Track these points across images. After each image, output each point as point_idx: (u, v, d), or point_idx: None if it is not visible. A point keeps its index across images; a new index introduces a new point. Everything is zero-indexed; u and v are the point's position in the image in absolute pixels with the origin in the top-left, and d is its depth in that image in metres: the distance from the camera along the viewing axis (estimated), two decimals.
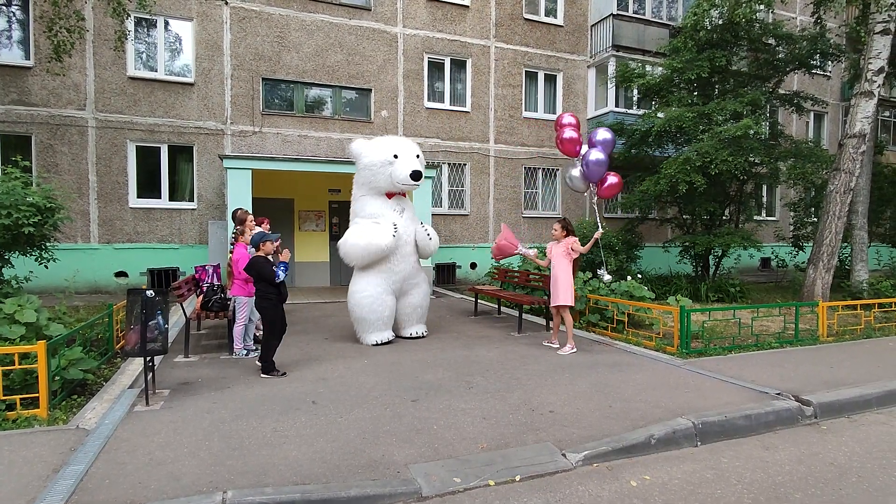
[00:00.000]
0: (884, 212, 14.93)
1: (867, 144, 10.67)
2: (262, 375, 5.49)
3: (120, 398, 4.74)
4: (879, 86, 10.04)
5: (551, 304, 6.92)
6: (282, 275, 5.54)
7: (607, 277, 7.60)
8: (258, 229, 6.82)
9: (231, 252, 6.56)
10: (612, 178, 7.55)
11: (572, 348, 6.65)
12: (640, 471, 3.66)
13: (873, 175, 12.71)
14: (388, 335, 7.00)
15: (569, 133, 7.38)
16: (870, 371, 5.93)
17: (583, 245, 6.80)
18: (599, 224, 7.51)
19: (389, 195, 6.99)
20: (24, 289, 6.62)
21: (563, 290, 6.69)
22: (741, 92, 12.09)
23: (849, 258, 12.48)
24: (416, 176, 6.74)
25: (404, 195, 7.23)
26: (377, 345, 6.85)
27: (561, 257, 6.78)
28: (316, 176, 12.33)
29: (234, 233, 6.81)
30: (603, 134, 7.55)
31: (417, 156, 7.02)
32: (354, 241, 6.68)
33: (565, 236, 6.85)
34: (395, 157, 6.79)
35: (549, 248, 6.98)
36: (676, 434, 4.12)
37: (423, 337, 7.42)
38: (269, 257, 5.77)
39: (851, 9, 12.70)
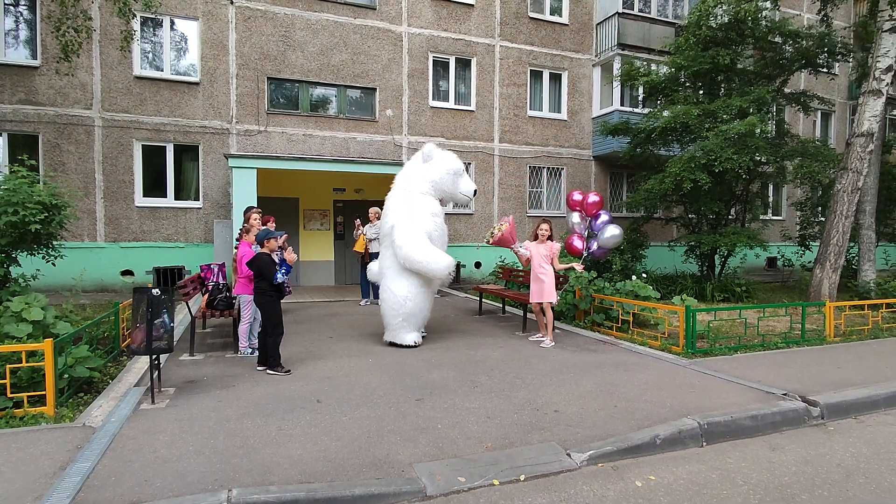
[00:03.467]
0: (892, 211, 14.81)
1: (875, 143, 10.58)
2: (269, 372, 5.51)
3: (126, 396, 4.77)
4: (888, 84, 9.95)
5: (534, 301, 7.24)
6: (280, 277, 5.49)
7: (579, 268, 7.70)
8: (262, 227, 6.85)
9: (236, 248, 6.58)
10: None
11: (552, 342, 7.04)
12: (646, 471, 3.64)
13: (881, 174, 12.61)
14: (421, 336, 7.16)
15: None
16: (877, 371, 5.89)
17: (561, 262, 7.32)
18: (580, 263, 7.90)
19: (441, 201, 7.44)
20: (31, 287, 6.66)
21: (550, 289, 7.07)
22: (747, 90, 12.03)
23: (856, 258, 12.39)
24: (475, 193, 7.65)
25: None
26: (414, 346, 6.83)
27: (545, 258, 7.14)
28: (321, 175, 12.36)
29: (240, 230, 6.83)
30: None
31: None
32: (424, 249, 6.62)
33: (549, 239, 7.22)
34: (463, 171, 7.52)
35: (529, 246, 7.28)
36: (682, 434, 4.10)
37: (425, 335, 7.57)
38: (274, 255, 5.78)
39: (859, 6, 12.59)
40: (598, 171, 16.09)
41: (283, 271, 5.54)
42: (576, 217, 9.09)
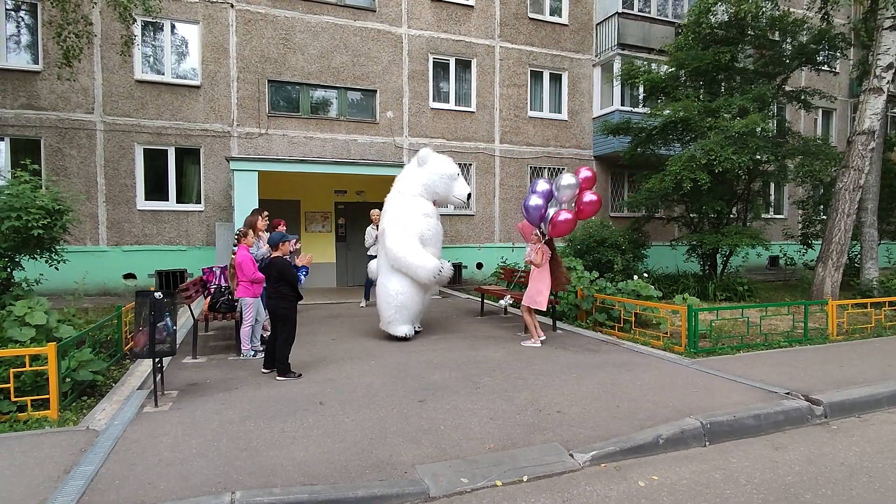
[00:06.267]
0: (894, 209, 14.76)
1: (876, 141, 10.58)
2: (279, 378, 5.46)
3: (129, 399, 4.78)
4: (888, 82, 9.95)
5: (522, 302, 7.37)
6: (303, 279, 5.68)
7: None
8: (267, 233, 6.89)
9: (234, 254, 6.57)
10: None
11: (534, 342, 7.08)
12: (649, 471, 3.64)
13: (883, 172, 12.59)
14: (414, 329, 7.49)
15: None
16: (880, 370, 5.88)
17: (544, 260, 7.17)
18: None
19: (434, 203, 7.64)
20: (34, 291, 6.68)
21: (530, 293, 7.14)
22: (747, 88, 12.02)
23: (858, 256, 12.37)
24: (469, 197, 7.85)
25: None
26: (405, 338, 7.25)
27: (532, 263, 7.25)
28: (322, 177, 12.38)
29: (236, 234, 6.83)
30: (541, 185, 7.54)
31: None
32: (412, 252, 7.02)
33: (537, 242, 7.22)
34: (458, 175, 7.72)
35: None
36: (685, 434, 4.10)
37: (420, 331, 7.83)
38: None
39: (858, 5, 12.59)
40: (599, 171, 16.05)
41: (304, 272, 5.63)
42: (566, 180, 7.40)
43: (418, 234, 7.17)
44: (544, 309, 7.24)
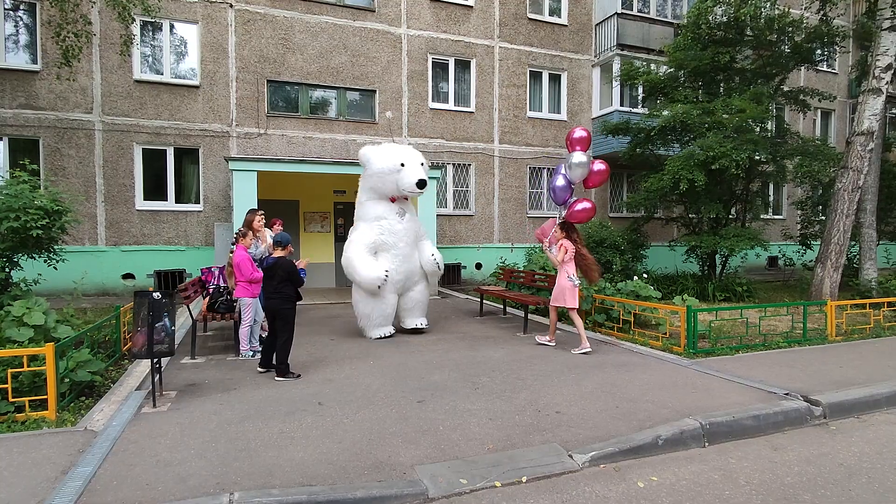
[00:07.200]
0: (892, 209, 14.79)
1: (875, 142, 10.59)
2: (278, 378, 5.45)
3: (127, 400, 4.77)
4: (888, 83, 9.96)
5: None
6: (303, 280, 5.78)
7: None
8: (268, 230, 6.89)
9: (232, 253, 6.56)
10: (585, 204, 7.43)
11: (549, 340, 7.04)
12: (648, 472, 3.64)
13: (882, 172, 12.61)
14: (390, 330, 7.49)
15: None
16: (879, 370, 5.88)
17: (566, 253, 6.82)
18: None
19: (393, 199, 7.38)
20: (32, 291, 6.67)
21: (555, 292, 6.93)
22: (746, 89, 12.04)
23: (857, 257, 12.38)
24: (421, 184, 7.11)
25: (406, 198, 7.58)
26: (380, 338, 7.34)
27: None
28: (321, 177, 12.35)
29: (235, 234, 6.82)
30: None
31: (422, 164, 7.37)
32: (354, 264, 7.10)
33: (564, 237, 6.91)
34: (402, 164, 7.14)
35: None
36: (684, 434, 4.10)
37: (425, 329, 7.82)
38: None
39: (858, 6, 12.60)
40: None
41: (303, 274, 5.77)
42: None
43: (368, 242, 7.17)
44: (575, 307, 6.77)
